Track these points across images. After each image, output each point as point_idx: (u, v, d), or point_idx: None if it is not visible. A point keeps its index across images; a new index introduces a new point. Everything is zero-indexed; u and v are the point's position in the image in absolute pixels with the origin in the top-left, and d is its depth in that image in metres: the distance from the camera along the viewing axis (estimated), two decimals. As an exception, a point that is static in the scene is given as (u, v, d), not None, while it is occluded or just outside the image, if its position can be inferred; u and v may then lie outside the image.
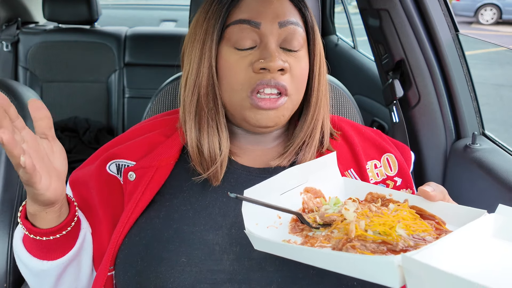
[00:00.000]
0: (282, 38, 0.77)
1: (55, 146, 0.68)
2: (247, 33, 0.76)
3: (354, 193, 0.72)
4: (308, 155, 0.82)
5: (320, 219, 0.65)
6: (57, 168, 0.67)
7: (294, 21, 0.78)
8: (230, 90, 0.76)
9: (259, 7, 0.76)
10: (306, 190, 0.72)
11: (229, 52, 0.76)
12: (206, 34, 0.77)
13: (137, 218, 0.77)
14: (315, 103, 0.83)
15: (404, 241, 0.54)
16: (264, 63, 0.74)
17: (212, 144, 0.78)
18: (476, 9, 9.26)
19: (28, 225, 0.71)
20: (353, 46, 2.50)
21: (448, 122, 1.29)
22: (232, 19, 0.77)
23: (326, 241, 0.59)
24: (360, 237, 0.56)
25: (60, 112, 2.50)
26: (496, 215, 0.58)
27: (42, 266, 0.75)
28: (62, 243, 0.74)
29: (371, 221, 0.58)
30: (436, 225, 0.61)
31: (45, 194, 0.65)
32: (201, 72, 0.77)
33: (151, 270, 0.71)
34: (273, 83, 0.74)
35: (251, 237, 0.59)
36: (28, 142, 0.62)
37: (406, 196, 0.67)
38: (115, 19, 3.60)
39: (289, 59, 0.77)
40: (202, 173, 0.78)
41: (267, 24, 0.76)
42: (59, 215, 0.72)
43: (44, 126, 0.65)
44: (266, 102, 0.74)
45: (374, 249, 0.54)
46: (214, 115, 0.79)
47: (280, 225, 0.67)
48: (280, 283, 0.69)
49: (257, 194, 0.64)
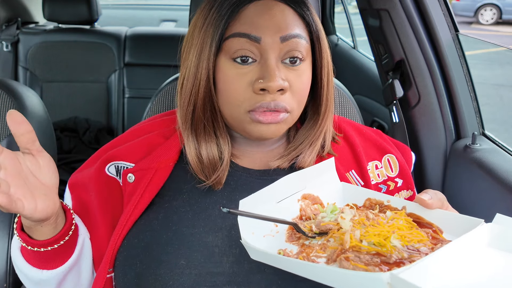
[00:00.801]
0: (284, 52, 0.73)
1: (41, 159, 0.65)
2: (246, 47, 0.72)
3: (353, 199, 0.72)
4: (308, 158, 0.81)
5: (316, 228, 0.65)
6: (45, 183, 0.66)
7: (297, 34, 0.74)
8: (229, 104, 0.74)
9: (260, 20, 0.72)
10: (304, 197, 0.72)
11: (228, 65, 0.73)
12: (203, 44, 0.74)
13: (136, 220, 0.76)
14: (324, 112, 0.81)
15: (398, 253, 0.55)
16: (263, 83, 0.71)
17: (211, 152, 0.77)
18: (476, 9, 9.25)
19: (24, 236, 0.70)
20: (353, 46, 2.50)
21: (448, 122, 1.29)
22: (231, 31, 0.73)
23: (321, 251, 0.60)
24: (355, 248, 0.56)
25: (60, 112, 2.50)
26: (492, 225, 0.58)
27: (41, 275, 0.74)
28: (60, 252, 0.73)
29: (366, 231, 0.58)
30: (433, 234, 0.61)
31: (33, 217, 0.64)
32: (197, 81, 0.75)
33: (150, 272, 0.70)
34: (273, 105, 0.72)
35: (247, 248, 0.60)
36: (7, 168, 0.60)
37: (404, 203, 0.67)
38: (115, 19, 3.60)
39: (290, 75, 0.74)
40: (205, 180, 0.77)
41: (268, 39, 0.72)
42: (55, 226, 0.71)
43: (26, 141, 0.63)
44: (268, 117, 0.73)
45: (368, 261, 0.54)
46: (212, 124, 0.77)
47: (277, 234, 0.67)
48: (280, 285, 0.69)
49: (253, 203, 0.64)
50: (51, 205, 0.66)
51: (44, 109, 1.25)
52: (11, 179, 0.60)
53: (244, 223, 0.63)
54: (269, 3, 0.74)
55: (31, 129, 0.63)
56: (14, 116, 0.61)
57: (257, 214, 0.62)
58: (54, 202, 0.67)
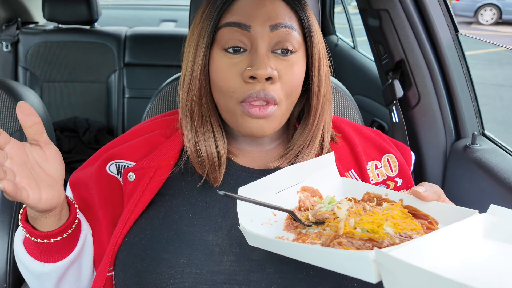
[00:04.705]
0: (274, 42, 0.74)
1: (48, 151, 0.67)
2: (237, 36, 0.74)
3: (352, 193, 0.72)
4: (307, 158, 0.81)
5: (313, 217, 0.65)
6: (51, 174, 0.67)
7: (287, 24, 0.75)
8: (223, 95, 0.75)
9: (250, 10, 0.74)
10: (303, 189, 0.73)
11: (220, 55, 0.75)
12: (199, 36, 0.76)
13: (137, 218, 0.77)
14: (315, 109, 0.81)
15: (390, 239, 0.55)
16: (252, 71, 0.72)
17: (209, 146, 0.78)
18: (476, 9, 9.26)
19: (29, 228, 0.71)
20: (353, 46, 2.51)
21: (448, 122, 1.29)
22: (223, 21, 0.75)
23: (317, 238, 0.60)
24: (348, 234, 0.57)
25: (60, 112, 2.50)
26: (486, 215, 0.59)
27: (43, 268, 0.75)
28: (63, 245, 0.74)
29: (360, 219, 0.59)
30: (428, 225, 0.61)
31: (37, 206, 0.65)
32: (194, 74, 0.76)
33: (151, 271, 0.71)
34: (262, 95, 0.72)
35: (244, 233, 0.60)
36: (13, 158, 0.61)
37: (402, 196, 0.68)
38: (115, 19, 3.61)
39: (280, 65, 0.74)
40: (202, 174, 0.78)
41: (258, 27, 0.73)
42: (60, 218, 0.72)
43: (34, 133, 0.64)
44: (256, 110, 0.73)
45: (360, 246, 0.55)
46: (209, 118, 0.79)
47: (275, 222, 0.68)
48: (280, 284, 0.69)
49: (252, 192, 0.65)
50: (56, 196, 0.67)
51: (44, 109, 1.25)
52: (16, 168, 0.61)
53: (243, 210, 0.63)
54: None
55: (39, 120, 0.64)
56: (23, 108, 0.62)
57: (255, 200, 0.62)
58: (59, 194, 0.68)
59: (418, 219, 0.63)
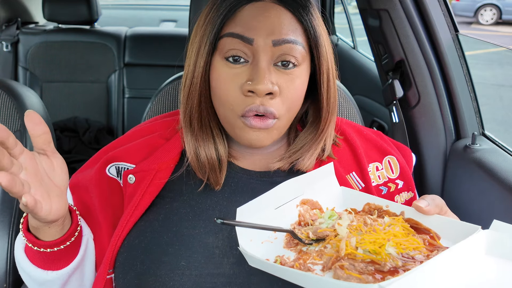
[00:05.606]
0: (277, 55, 0.72)
1: (55, 160, 0.65)
2: (239, 47, 0.72)
3: (352, 204, 0.72)
4: (308, 161, 0.81)
5: (313, 235, 0.65)
6: (58, 184, 0.65)
7: (291, 39, 0.72)
8: (223, 106, 0.74)
9: (254, 22, 0.72)
10: (303, 202, 0.72)
11: (221, 64, 0.74)
12: (201, 42, 0.75)
13: (137, 221, 0.77)
14: (325, 119, 0.80)
15: (393, 261, 0.55)
16: (251, 85, 0.70)
17: (209, 151, 0.78)
18: (476, 9, 9.25)
19: (31, 237, 0.70)
20: (353, 46, 2.50)
21: (448, 123, 1.29)
22: (226, 30, 0.73)
23: (318, 258, 0.60)
24: (350, 255, 0.57)
25: (60, 112, 2.50)
26: (489, 231, 0.58)
27: (46, 276, 0.74)
28: (66, 253, 0.74)
29: (362, 239, 0.58)
30: (430, 240, 0.61)
31: (47, 218, 0.64)
32: (194, 80, 0.75)
33: (151, 273, 0.70)
34: (261, 110, 0.71)
35: (245, 255, 0.60)
36: (27, 168, 0.59)
37: (403, 208, 0.67)
38: (115, 19, 3.61)
39: (281, 79, 0.73)
40: (203, 178, 0.78)
41: (260, 41, 0.71)
42: (62, 228, 0.71)
43: (42, 142, 0.62)
44: (257, 121, 0.72)
45: (362, 270, 0.55)
46: (208, 123, 0.78)
47: (275, 240, 0.67)
48: (280, 287, 0.69)
49: (251, 210, 0.64)
50: (63, 206, 0.66)
51: (44, 109, 1.25)
52: (31, 179, 0.60)
53: (242, 230, 0.63)
54: (266, 5, 0.73)
55: (48, 130, 0.62)
56: (32, 117, 0.60)
57: (252, 224, 0.62)
58: (65, 204, 0.67)
59: (420, 233, 0.62)
